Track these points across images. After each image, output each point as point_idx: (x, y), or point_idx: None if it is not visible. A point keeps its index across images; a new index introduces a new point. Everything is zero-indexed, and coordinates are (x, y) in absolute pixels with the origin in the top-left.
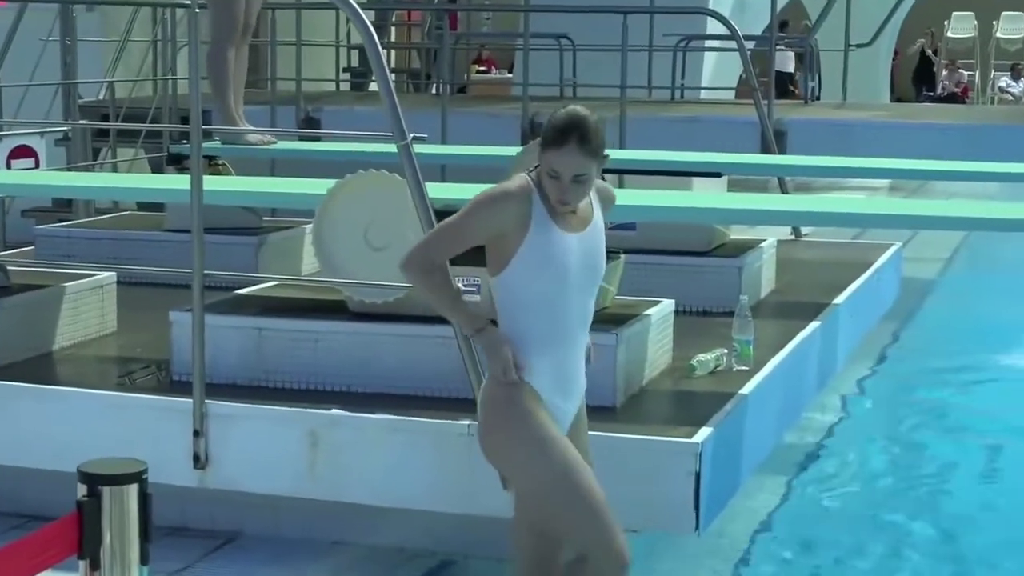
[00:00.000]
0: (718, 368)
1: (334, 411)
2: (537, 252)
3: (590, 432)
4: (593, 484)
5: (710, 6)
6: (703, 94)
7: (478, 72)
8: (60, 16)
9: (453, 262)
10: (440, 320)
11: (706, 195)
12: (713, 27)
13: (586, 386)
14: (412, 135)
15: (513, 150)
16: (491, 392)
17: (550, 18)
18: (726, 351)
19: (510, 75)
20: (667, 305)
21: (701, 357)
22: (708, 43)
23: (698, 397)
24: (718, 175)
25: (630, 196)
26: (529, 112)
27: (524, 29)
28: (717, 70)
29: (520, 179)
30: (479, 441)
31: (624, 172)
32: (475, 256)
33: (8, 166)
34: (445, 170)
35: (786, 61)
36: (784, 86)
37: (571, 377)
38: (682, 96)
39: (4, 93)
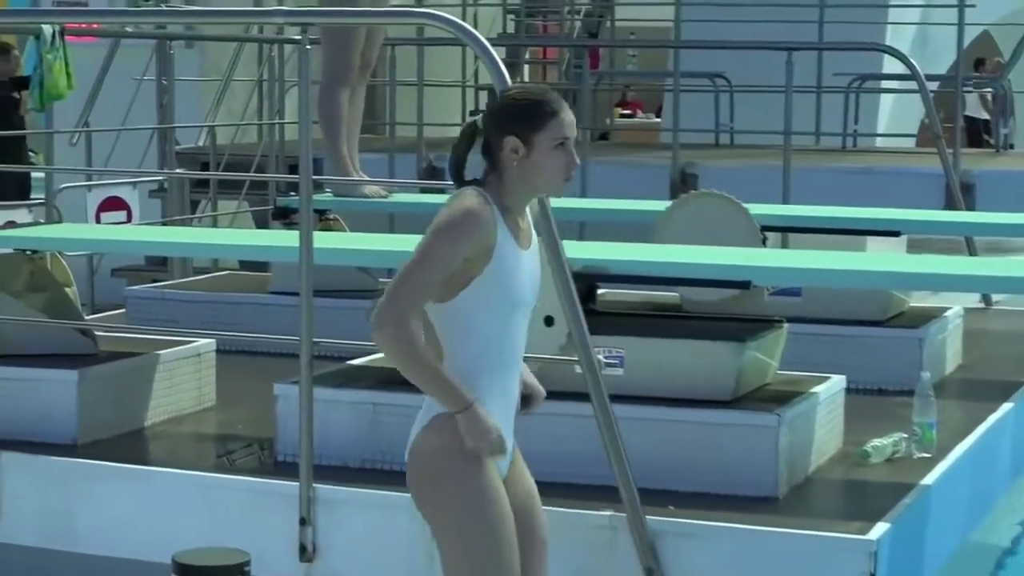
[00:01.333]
0: (896, 455)
1: None
2: (499, 274)
3: (751, 527)
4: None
5: (887, 41)
6: (879, 141)
7: (622, 116)
8: (156, 53)
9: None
10: (579, 396)
11: (882, 256)
12: (891, 65)
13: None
14: None
15: (661, 204)
16: (434, 441)
17: (704, 55)
18: (905, 435)
19: (658, 120)
20: (837, 382)
21: (876, 442)
22: (885, 83)
23: (872, 488)
24: (896, 234)
25: (795, 258)
26: (680, 161)
27: (674, 68)
28: (895, 114)
29: (473, 195)
30: (412, 492)
31: (788, 230)
32: (620, 325)
33: (97, 220)
34: (584, 227)
35: (976, 105)
36: (974, 133)
37: (513, 402)
38: (855, 144)
39: (94, 138)
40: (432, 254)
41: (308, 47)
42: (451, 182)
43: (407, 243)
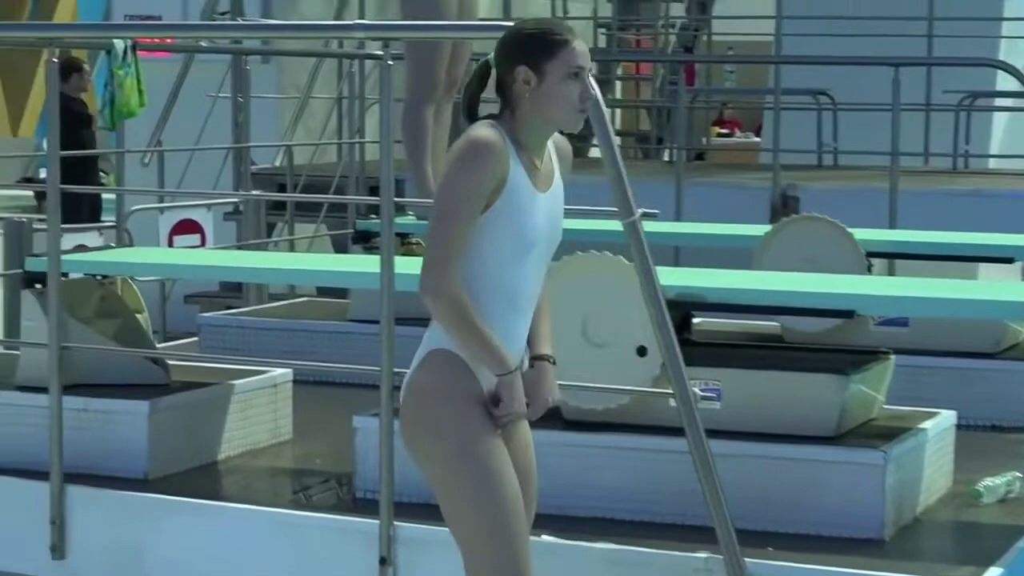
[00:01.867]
0: (1009, 495)
1: (544, 538)
2: (510, 210)
3: (856, 571)
4: (521, 530)
5: (1001, 57)
6: (992, 163)
7: (719, 135)
8: (232, 69)
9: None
10: (673, 431)
11: (995, 285)
12: (1004, 82)
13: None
14: (641, 210)
15: (760, 228)
16: (432, 379)
17: (806, 71)
18: (1019, 475)
19: (757, 139)
20: (947, 417)
21: (988, 481)
22: (998, 101)
23: (985, 530)
24: (1010, 261)
25: (902, 286)
26: (780, 183)
27: (775, 84)
28: (1009, 134)
29: (483, 126)
30: (403, 429)
31: (895, 256)
32: (717, 356)
33: (170, 243)
34: (679, 252)
35: None
36: None
37: (517, 351)
38: (966, 165)
39: (167, 158)
40: (453, 199)
41: (390, 63)
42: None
43: None
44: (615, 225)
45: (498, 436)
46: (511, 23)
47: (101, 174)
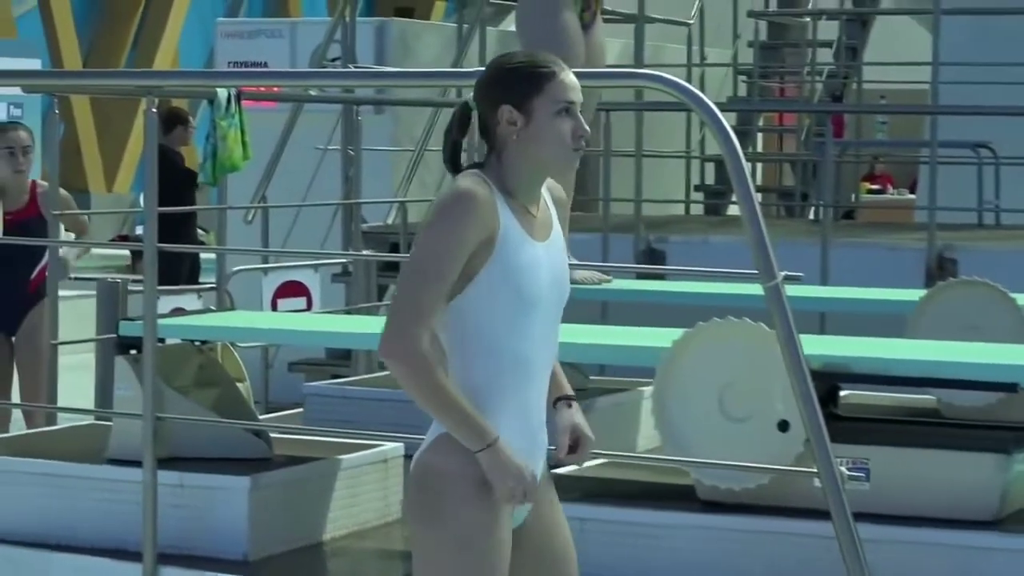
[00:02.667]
0: None
1: None
2: (506, 267)
3: None
4: None
5: None
6: None
7: (870, 192)
8: (342, 119)
9: None
10: (818, 513)
11: None
12: None
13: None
14: (784, 273)
15: (915, 293)
16: (439, 462)
17: (966, 122)
18: None
19: (912, 196)
20: None
21: None
22: None
23: None
24: None
25: None
26: (937, 244)
27: (931, 136)
28: None
29: (467, 177)
30: (404, 506)
31: None
32: (866, 432)
33: (274, 307)
34: (825, 319)
35: None
36: None
37: (536, 429)
38: None
39: (272, 215)
40: (430, 254)
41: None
42: (672, 267)
43: (621, 336)
44: (755, 289)
45: (502, 533)
46: (660, 81)
47: (200, 232)
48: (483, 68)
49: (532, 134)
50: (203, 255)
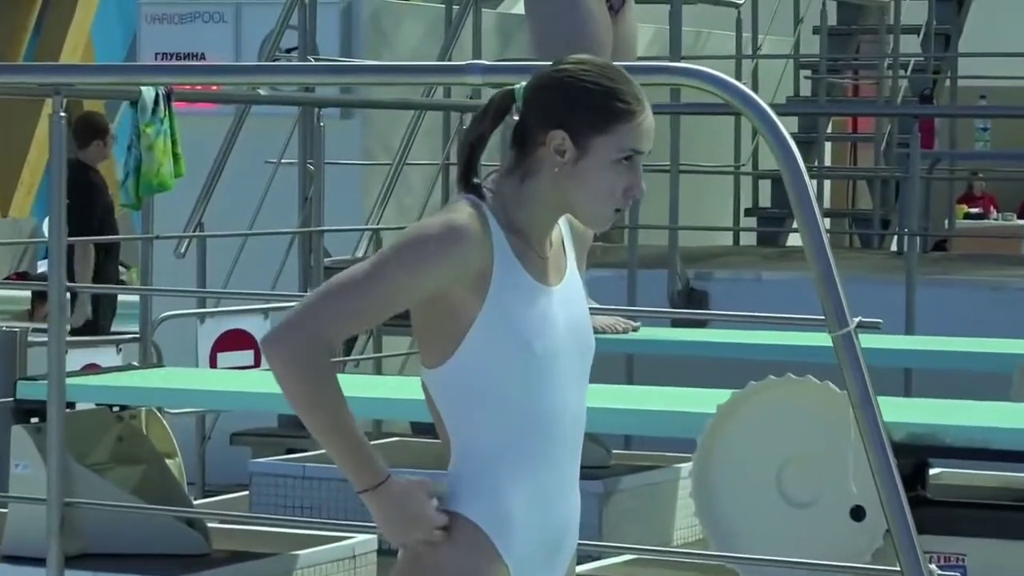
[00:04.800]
0: None
1: None
2: (507, 317)
3: None
4: None
5: None
6: None
7: (967, 216)
8: (300, 126)
9: None
10: None
11: None
12: None
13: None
14: (858, 319)
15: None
16: (441, 557)
17: None
18: None
19: (1021, 222)
20: None
21: None
22: None
23: None
24: None
25: None
26: None
27: None
28: None
29: (463, 207)
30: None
31: None
32: (962, 521)
33: (213, 362)
34: (911, 376)
35: None
36: None
37: (562, 521)
38: None
39: (211, 246)
40: (385, 272)
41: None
42: (717, 312)
43: (653, 398)
44: (822, 339)
45: None
46: (701, 77)
47: (120, 269)
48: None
49: (578, 174)
50: (123, 297)
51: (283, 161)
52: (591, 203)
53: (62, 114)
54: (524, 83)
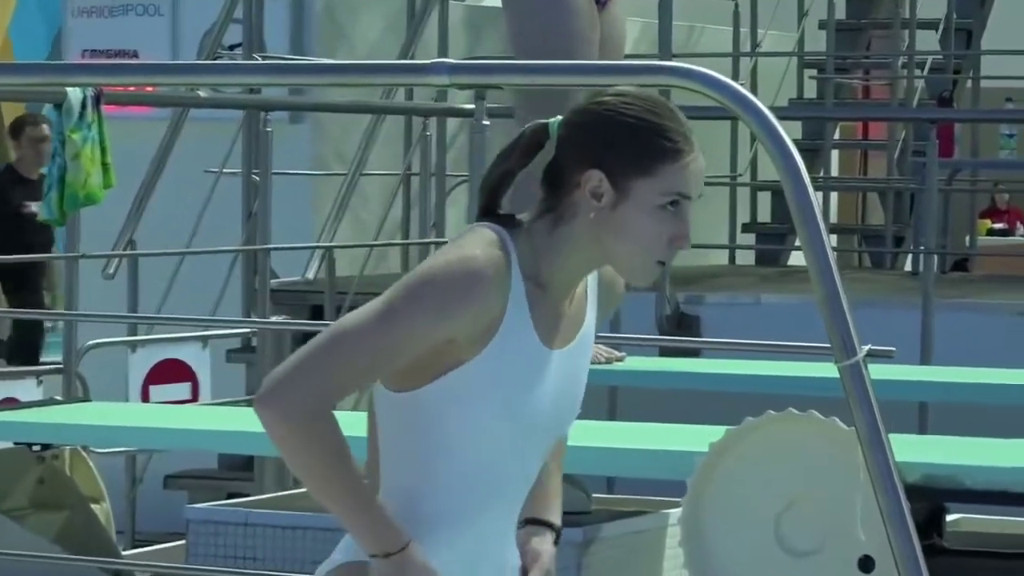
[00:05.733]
0: None
1: None
2: (498, 372)
3: None
4: None
5: None
6: None
7: (990, 232)
8: (244, 132)
9: None
10: None
11: None
12: None
13: None
14: (868, 347)
15: None
16: None
17: None
18: None
19: None
20: None
21: None
22: None
23: None
24: None
25: None
26: None
27: None
28: None
29: (486, 239)
30: None
31: None
32: (984, 572)
33: (145, 396)
34: (928, 412)
35: None
36: None
37: (501, 569)
38: None
39: (142, 267)
40: (399, 318)
41: (486, 123)
42: (710, 340)
43: (638, 435)
44: (828, 370)
45: None
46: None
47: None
48: (465, 61)
49: (616, 221)
50: (46, 324)
51: (225, 171)
52: (631, 254)
53: None
54: (559, 117)
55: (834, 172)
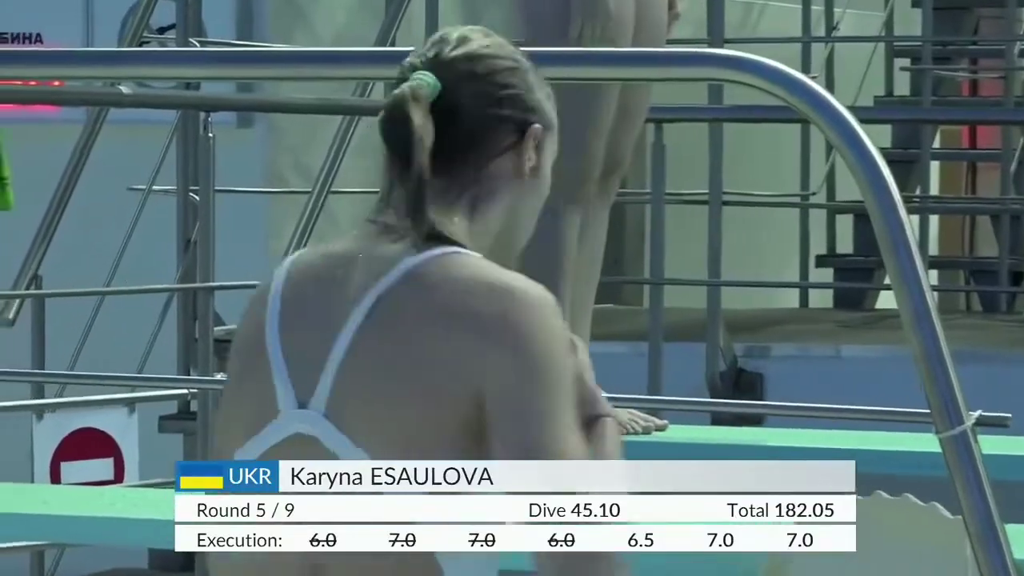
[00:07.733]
0: None
1: None
2: None
3: None
4: None
5: None
6: None
7: None
8: (180, 138)
9: None
10: None
11: None
12: None
13: None
14: (977, 413)
15: None
16: None
17: None
18: None
19: None
20: None
21: None
22: None
23: None
24: None
25: None
26: None
27: None
28: None
29: (501, 267)
30: None
31: None
32: None
33: (55, 475)
34: None
35: None
36: None
37: None
38: None
39: (51, 311)
40: (571, 418)
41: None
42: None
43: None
44: (928, 443)
45: None
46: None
47: None
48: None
49: (537, 186)
50: None
51: (155, 188)
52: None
53: None
54: (426, 74)
55: (933, 190)
